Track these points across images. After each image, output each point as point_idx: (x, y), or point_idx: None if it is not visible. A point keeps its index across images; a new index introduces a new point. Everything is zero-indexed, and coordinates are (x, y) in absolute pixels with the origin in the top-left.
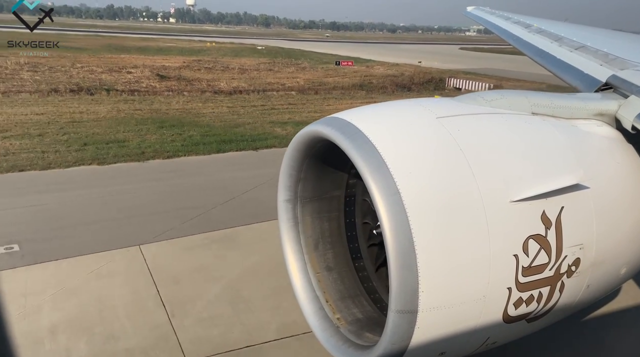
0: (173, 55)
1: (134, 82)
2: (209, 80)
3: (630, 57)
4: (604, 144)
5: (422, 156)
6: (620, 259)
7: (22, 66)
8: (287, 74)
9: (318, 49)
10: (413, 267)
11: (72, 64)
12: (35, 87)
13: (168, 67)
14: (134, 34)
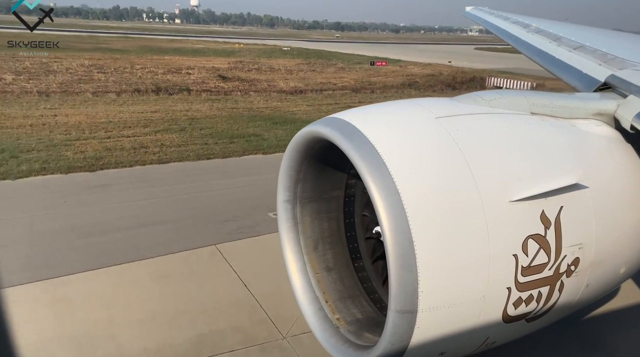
0: (210, 56)
1: (201, 82)
2: (265, 80)
3: (628, 56)
4: (603, 143)
5: (422, 156)
6: (619, 259)
7: (88, 67)
8: (331, 74)
9: (340, 50)
10: (413, 268)
11: (131, 65)
12: (117, 88)
13: (219, 68)
14: (153, 35)
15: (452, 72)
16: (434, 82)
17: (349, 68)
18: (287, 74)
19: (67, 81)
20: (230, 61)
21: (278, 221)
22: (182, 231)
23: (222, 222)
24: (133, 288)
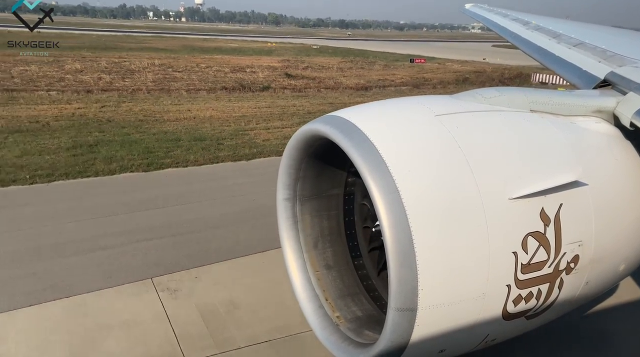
0: (253, 55)
1: (273, 80)
2: (327, 78)
3: (628, 53)
4: (603, 141)
5: (421, 154)
6: (618, 256)
7: (160, 67)
8: (380, 71)
9: (367, 47)
10: (412, 265)
11: (196, 64)
12: (204, 86)
13: (275, 66)
14: (178, 34)
15: (496, 69)
16: (485, 79)
17: (392, 65)
18: (341, 72)
19: (158, 79)
20: (278, 60)
21: (278, 219)
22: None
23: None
24: None
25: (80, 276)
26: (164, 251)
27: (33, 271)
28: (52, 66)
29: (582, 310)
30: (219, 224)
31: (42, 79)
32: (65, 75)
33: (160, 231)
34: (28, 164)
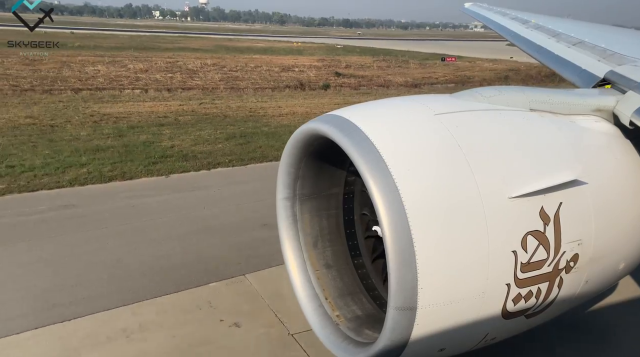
0: (286, 55)
1: (326, 79)
2: (376, 76)
3: (627, 52)
4: (602, 139)
5: (421, 153)
6: (618, 255)
7: (213, 66)
8: (419, 69)
9: (388, 47)
10: (412, 264)
11: (244, 64)
12: (267, 84)
13: (317, 66)
14: (199, 34)
15: (531, 67)
16: (524, 76)
17: (425, 64)
18: (382, 70)
19: (224, 78)
20: (315, 59)
21: (277, 219)
22: None
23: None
24: None
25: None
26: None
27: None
28: (115, 66)
29: (581, 309)
30: None
31: (120, 79)
32: (137, 74)
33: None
34: (212, 151)
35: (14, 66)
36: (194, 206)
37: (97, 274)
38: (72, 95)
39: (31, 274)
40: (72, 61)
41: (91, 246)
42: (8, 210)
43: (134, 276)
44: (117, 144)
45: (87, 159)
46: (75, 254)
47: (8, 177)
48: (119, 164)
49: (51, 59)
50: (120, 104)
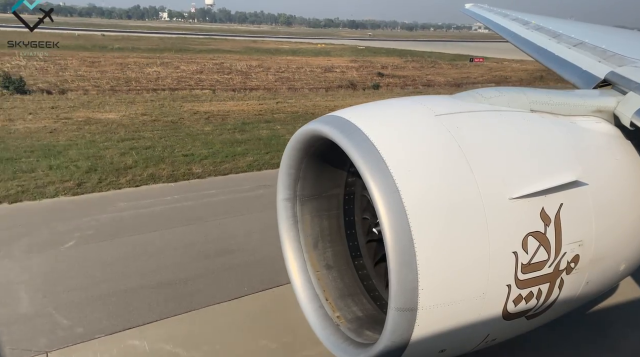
0: (320, 56)
1: (370, 79)
2: (416, 76)
3: (628, 53)
4: (603, 140)
5: (421, 154)
6: (619, 256)
7: (257, 68)
8: (453, 70)
9: (406, 47)
10: (412, 265)
11: (285, 65)
12: (319, 84)
13: (354, 67)
14: (219, 35)
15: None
16: (558, 77)
17: (456, 64)
18: (418, 71)
19: (279, 79)
20: (347, 60)
21: (278, 219)
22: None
23: None
24: None
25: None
26: None
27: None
28: (169, 67)
29: (581, 309)
30: None
31: (184, 79)
32: (196, 75)
33: None
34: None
35: (80, 67)
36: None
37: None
38: (154, 95)
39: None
40: (126, 63)
41: None
42: (224, 188)
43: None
44: (247, 137)
45: (242, 150)
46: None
47: (195, 163)
48: (274, 153)
49: (106, 60)
50: (207, 103)
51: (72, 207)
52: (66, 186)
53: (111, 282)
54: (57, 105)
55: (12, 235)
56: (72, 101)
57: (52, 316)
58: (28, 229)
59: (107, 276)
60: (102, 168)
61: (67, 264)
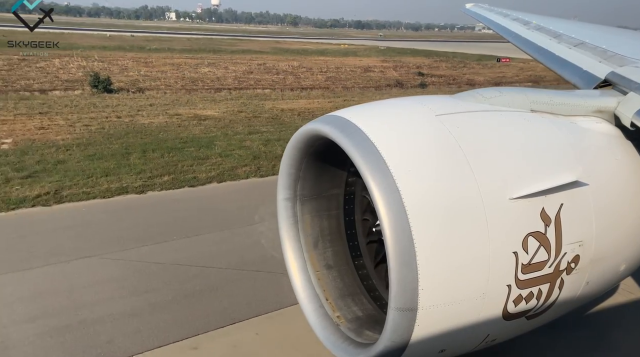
0: (349, 56)
1: (411, 78)
2: (456, 76)
3: (629, 53)
4: (603, 141)
5: (422, 154)
6: (619, 256)
7: (299, 68)
8: (485, 70)
9: (422, 48)
10: (413, 265)
11: (324, 65)
12: (369, 84)
13: (387, 66)
14: (237, 36)
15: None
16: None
17: (485, 64)
18: (452, 70)
19: (329, 79)
20: (377, 60)
21: (278, 219)
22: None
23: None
24: None
25: None
26: None
27: None
28: (218, 68)
29: (581, 309)
30: None
31: (245, 79)
32: (248, 75)
33: None
34: None
35: (139, 68)
36: None
37: None
38: (227, 94)
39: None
40: (177, 63)
41: None
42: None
43: None
44: None
45: None
46: None
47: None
48: None
49: (156, 61)
50: (282, 102)
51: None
52: (249, 170)
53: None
54: (153, 103)
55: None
56: (159, 99)
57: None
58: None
59: None
60: (263, 156)
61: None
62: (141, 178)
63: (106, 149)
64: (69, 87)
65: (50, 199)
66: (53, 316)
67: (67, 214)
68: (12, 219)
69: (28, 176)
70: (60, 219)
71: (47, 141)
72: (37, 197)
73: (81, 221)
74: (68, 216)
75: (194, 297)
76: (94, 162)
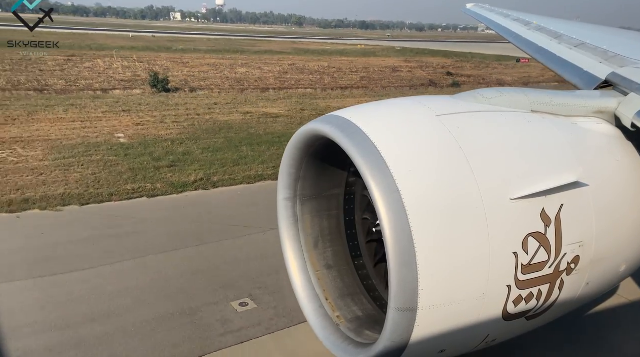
0: (371, 56)
1: (442, 78)
2: (484, 75)
3: (629, 54)
4: (604, 141)
5: (422, 154)
6: (619, 257)
7: (328, 68)
8: (509, 70)
9: (437, 48)
10: (413, 265)
11: (352, 66)
12: (402, 83)
13: (412, 66)
14: (252, 37)
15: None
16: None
17: (506, 65)
18: (478, 70)
19: (363, 78)
20: (399, 60)
21: (278, 219)
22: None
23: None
24: None
25: None
26: None
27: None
28: (253, 68)
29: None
30: None
31: (286, 80)
32: (285, 75)
33: None
34: None
35: (180, 68)
36: None
37: None
38: (275, 93)
39: None
40: (212, 64)
41: None
42: None
43: None
44: None
45: None
46: None
47: None
48: None
49: (192, 62)
50: (332, 100)
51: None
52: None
53: None
54: (217, 102)
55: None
56: (218, 98)
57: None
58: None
59: None
60: None
61: None
62: (268, 167)
63: (213, 142)
64: (127, 86)
65: (207, 184)
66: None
67: (230, 195)
68: (189, 199)
69: (170, 166)
70: (233, 199)
71: (156, 136)
72: (194, 183)
73: (252, 201)
74: (236, 196)
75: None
76: (214, 154)
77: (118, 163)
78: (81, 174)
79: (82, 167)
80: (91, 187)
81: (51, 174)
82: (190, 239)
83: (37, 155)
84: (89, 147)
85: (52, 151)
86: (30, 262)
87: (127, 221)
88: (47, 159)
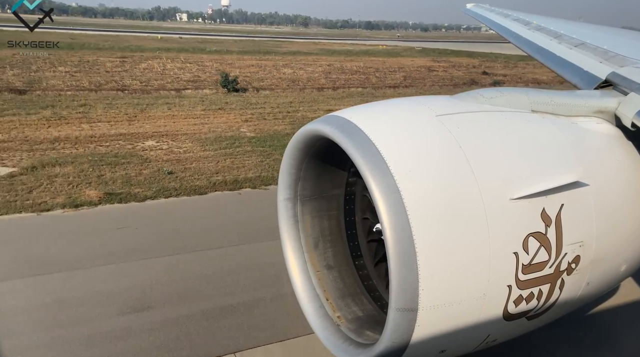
0: (398, 57)
1: (480, 78)
2: (518, 75)
3: (629, 54)
4: (604, 141)
5: (422, 154)
6: (620, 256)
7: (365, 68)
8: (539, 69)
9: (453, 48)
10: (413, 266)
11: (384, 66)
12: (438, 83)
13: (444, 66)
14: (269, 37)
15: None
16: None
17: (525, 64)
18: (509, 70)
19: (404, 78)
20: (428, 60)
21: (279, 219)
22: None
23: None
24: None
25: None
26: None
27: None
28: (295, 69)
29: (582, 309)
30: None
31: (334, 80)
32: (330, 76)
33: None
34: None
35: (230, 69)
36: None
37: None
38: (333, 93)
39: None
40: (256, 64)
41: None
42: None
43: None
44: None
45: None
46: None
47: None
48: None
49: (238, 63)
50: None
51: None
52: None
53: None
54: (291, 101)
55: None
56: (286, 98)
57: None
58: None
59: None
60: None
61: None
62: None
63: None
64: (196, 86)
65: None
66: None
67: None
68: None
69: None
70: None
71: (274, 131)
72: None
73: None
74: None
75: None
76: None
77: (270, 153)
78: (251, 161)
79: (244, 156)
80: (270, 171)
81: (226, 161)
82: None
83: (192, 147)
84: (231, 139)
85: (203, 143)
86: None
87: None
88: (207, 149)
